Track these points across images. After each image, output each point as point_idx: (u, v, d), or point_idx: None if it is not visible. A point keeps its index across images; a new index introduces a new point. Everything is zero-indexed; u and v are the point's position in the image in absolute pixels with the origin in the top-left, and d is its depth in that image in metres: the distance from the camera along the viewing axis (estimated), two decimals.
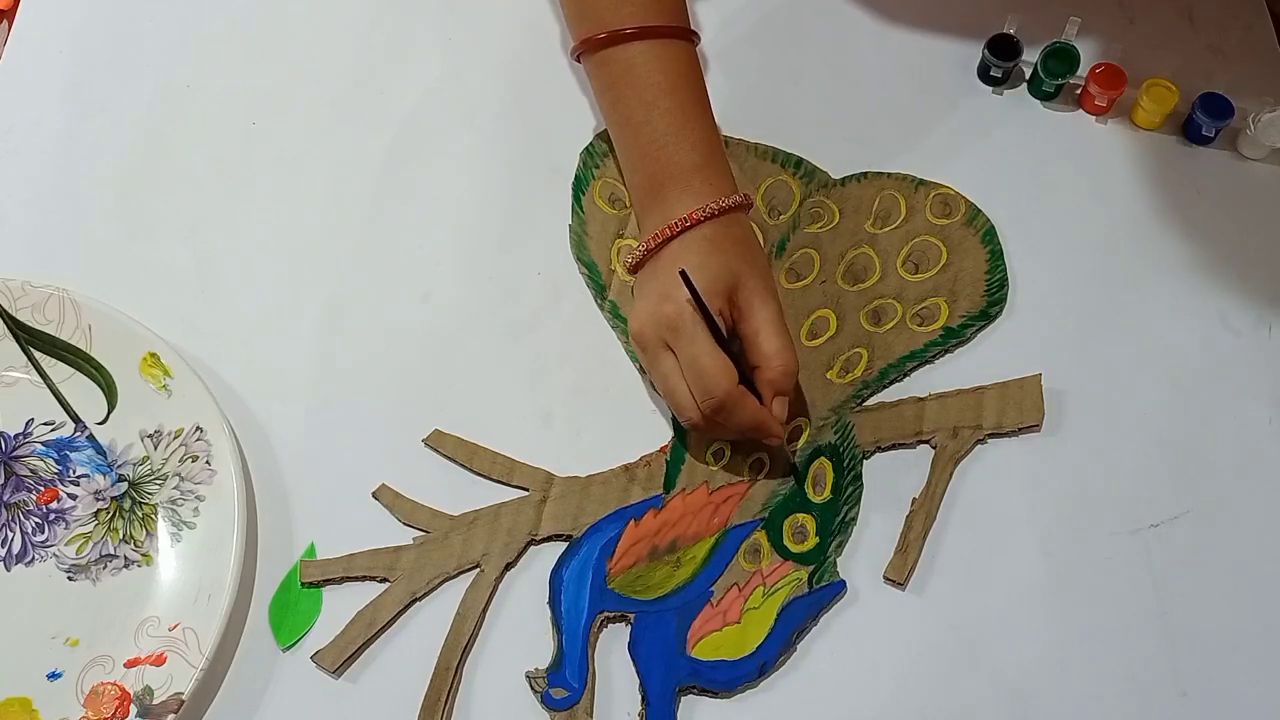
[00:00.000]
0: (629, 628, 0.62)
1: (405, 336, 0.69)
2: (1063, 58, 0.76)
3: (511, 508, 0.65)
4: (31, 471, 0.64)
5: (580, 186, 0.73)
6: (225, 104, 0.76)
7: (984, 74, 0.78)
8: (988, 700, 0.61)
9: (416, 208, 0.73)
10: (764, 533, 0.64)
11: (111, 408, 0.66)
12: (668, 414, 0.68)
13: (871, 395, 0.68)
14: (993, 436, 0.67)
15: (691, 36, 0.68)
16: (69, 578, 0.62)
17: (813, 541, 0.64)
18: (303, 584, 0.63)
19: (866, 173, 0.74)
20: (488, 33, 0.79)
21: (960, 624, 0.63)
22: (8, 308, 0.66)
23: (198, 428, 0.64)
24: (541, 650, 0.62)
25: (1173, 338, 0.71)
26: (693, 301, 0.61)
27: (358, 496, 0.65)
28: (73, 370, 0.66)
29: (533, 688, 0.60)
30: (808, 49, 0.79)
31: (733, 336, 0.64)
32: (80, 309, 0.66)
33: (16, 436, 0.65)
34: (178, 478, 0.64)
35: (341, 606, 0.62)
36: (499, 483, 0.66)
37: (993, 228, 0.73)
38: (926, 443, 0.67)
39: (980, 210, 0.73)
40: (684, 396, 0.63)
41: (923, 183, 0.74)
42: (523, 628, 0.62)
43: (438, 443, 0.66)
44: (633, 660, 0.61)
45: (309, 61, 0.78)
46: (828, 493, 0.66)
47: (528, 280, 0.71)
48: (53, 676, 0.60)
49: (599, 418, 0.68)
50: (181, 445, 0.64)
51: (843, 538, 0.64)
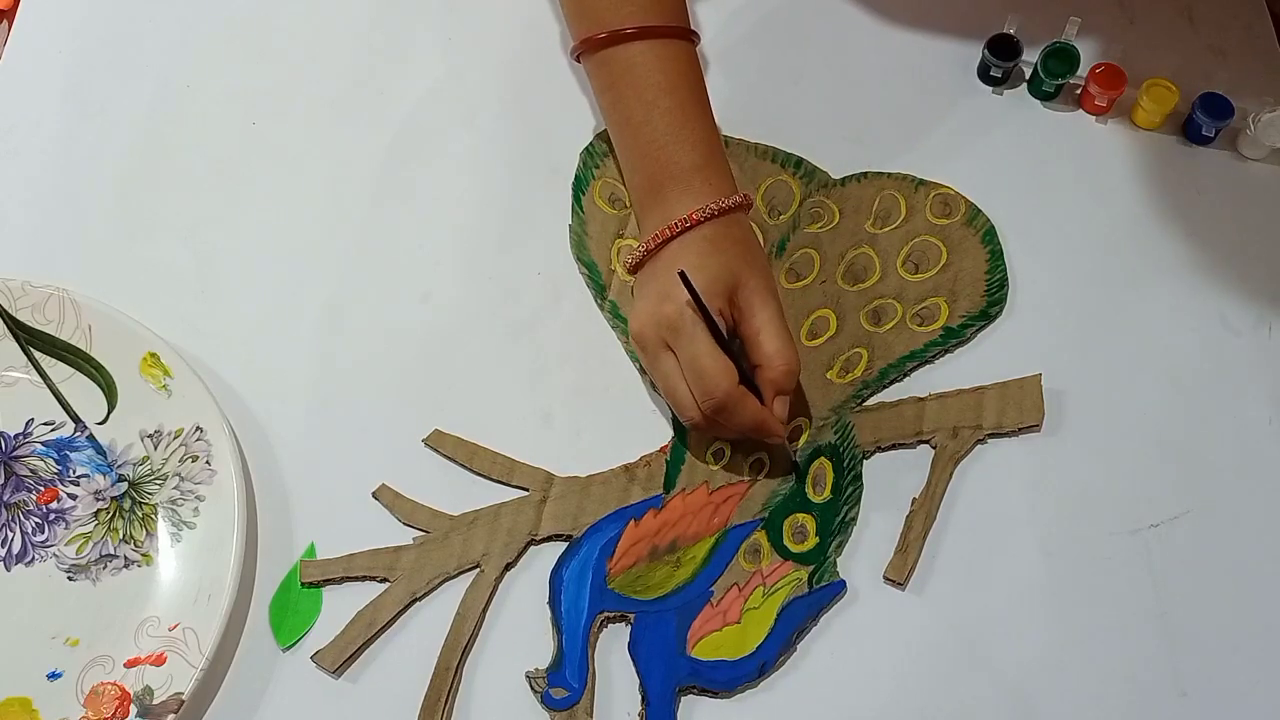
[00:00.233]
0: (629, 628, 0.62)
1: (405, 336, 0.69)
2: (1063, 58, 0.76)
3: (511, 508, 0.65)
4: (31, 471, 0.64)
5: (580, 186, 0.73)
6: (225, 104, 0.76)
7: (984, 74, 0.78)
8: (988, 700, 0.61)
9: (416, 208, 0.73)
10: (764, 533, 0.64)
11: (111, 408, 0.66)
12: (668, 414, 0.68)
13: (871, 395, 0.68)
14: (993, 436, 0.67)
15: (692, 36, 0.68)
16: (69, 578, 0.62)
17: (813, 541, 0.64)
18: (303, 584, 0.63)
19: (866, 173, 0.74)
20: (488, 33, 0.79)
21: (960, 624, 0.63)
22: (8, 308, 0.66)
23: (198, 428, 0.64)
24: (541, 650, 0.62)
25: (1173, 338, 0.71)
26: (692, 302, 0.61)
27: (358, 496, 0.65)
28: (73, 370, 0.66)
29: (533, 688, 0.60)
30: (808, 49, 0.79)
31: (733, 336, 0.64)
32: (80, 309, 0.66)
33: (16, 436, 0.65)
34: (178, 478, 0.64)
35: (341, 606, 0.62)
36: (499, 483, 0.66)
37: (993, 228, 0.73)
38: (926, 443, 0.67)
39: (980, 210, 0.73)
40: (685, 396, 0.63)
41: (923, 183, 0.74)
42: (523, 628, 0.62)
43: (438, 443, 0.66)
44: (633, 660, 0.61)
45: (309, 61, 0.78)
46: (828, 493, 0.66)
47: (528, 280, 0.71)
48: (53, 676, 0.60)
49: (599, 418, 0.68)
50: (181, 445, 0.64)
51: (843, 538, 0.64)
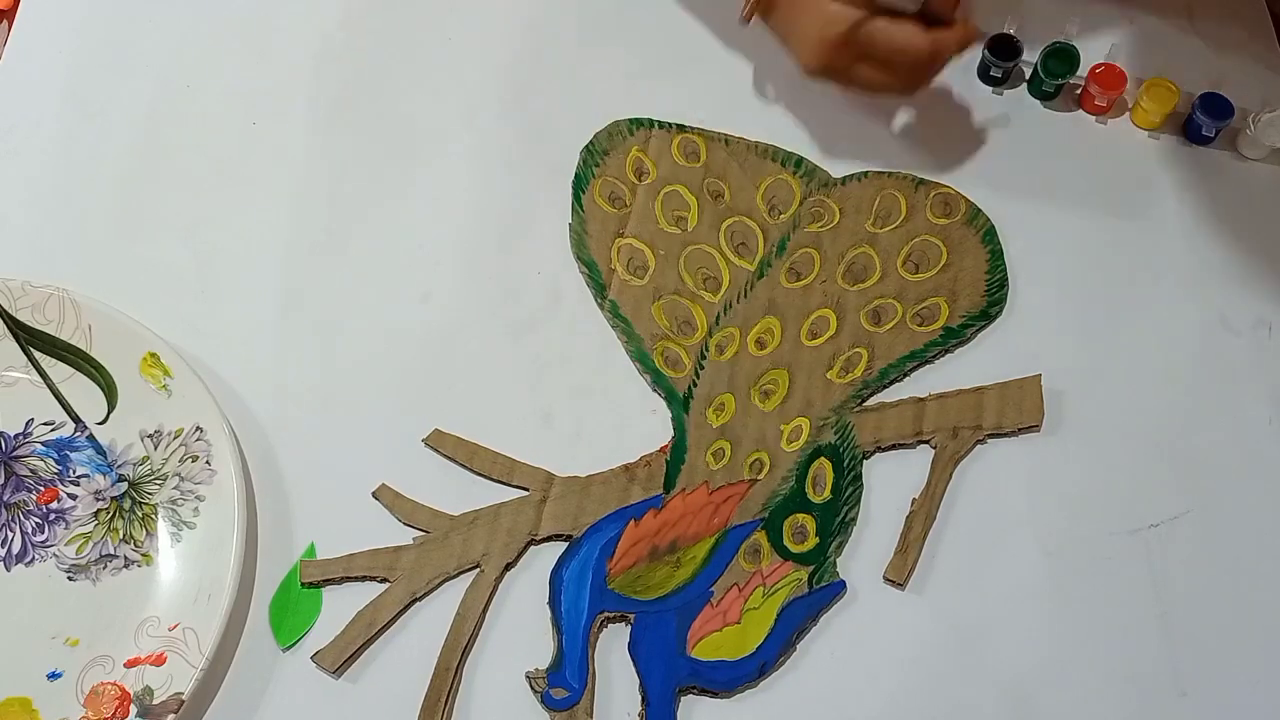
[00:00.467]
0: (629, 628, 0.62)
1: (405, 336, 0.69)
2: (1063, 58, 0.76)
3: (511, 508, 0.65)
4: (31, 471, 0.64)
5: (580, 185, 0.73)
6: (225, 104, 0.76)
7: (984, 74, 0.78)
8: (988, 700, 0.61)
9: (416, 208, 0.73)
10: (764, 533, 0.64)
11: (111, 408, 0.66)
12: (668, 414, 0.68)
13: (871, 395, 0.68)
14: (993, 437, 0.67)
15: None
16: (69, 578, 0.62)
17: (813, 542, 0.64)
18: (303, 584, 0.63)
19: (867, 172, 0.75)
20: (488, 33, 0.79)
21: (960, 624, 0.63)
22: (8, 308, 0.66)
23: (198, 428, 0.64)
24: (541, 650, 0.62)
25: (1173, 338, 0.71)
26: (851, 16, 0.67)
27: (358, 496, 0.65)
28: (73, 370, 0.66)
29: (533, 688, 0.60)
30: None
31: None
32: (80, 309, 0.66)
33: (16, 436, 0.65)
34: (178, 478, 0.64)
35: (341, 606, 0.62)
36: (499, 483, 0.65)
37: (993, 227, 0.73)
38: (926, 443, 0.67)
39: (980, 210, 0.73)
40: (893, 84, 0.70)
41: (923, 182, 0.74)
42: (523, 628, 0.62)
43: (438, 443, 0.66)
44: (633, 660, 0.61)
45: (309, 61, 0.78)
46: (828, 493, 0.66)
47: (528, 280, 0.71)
48: (53, 676, 0.60)
49: (599, 418, 0.68)
50: (181, 445, 0.64)
51: (843, 538, 0.64)
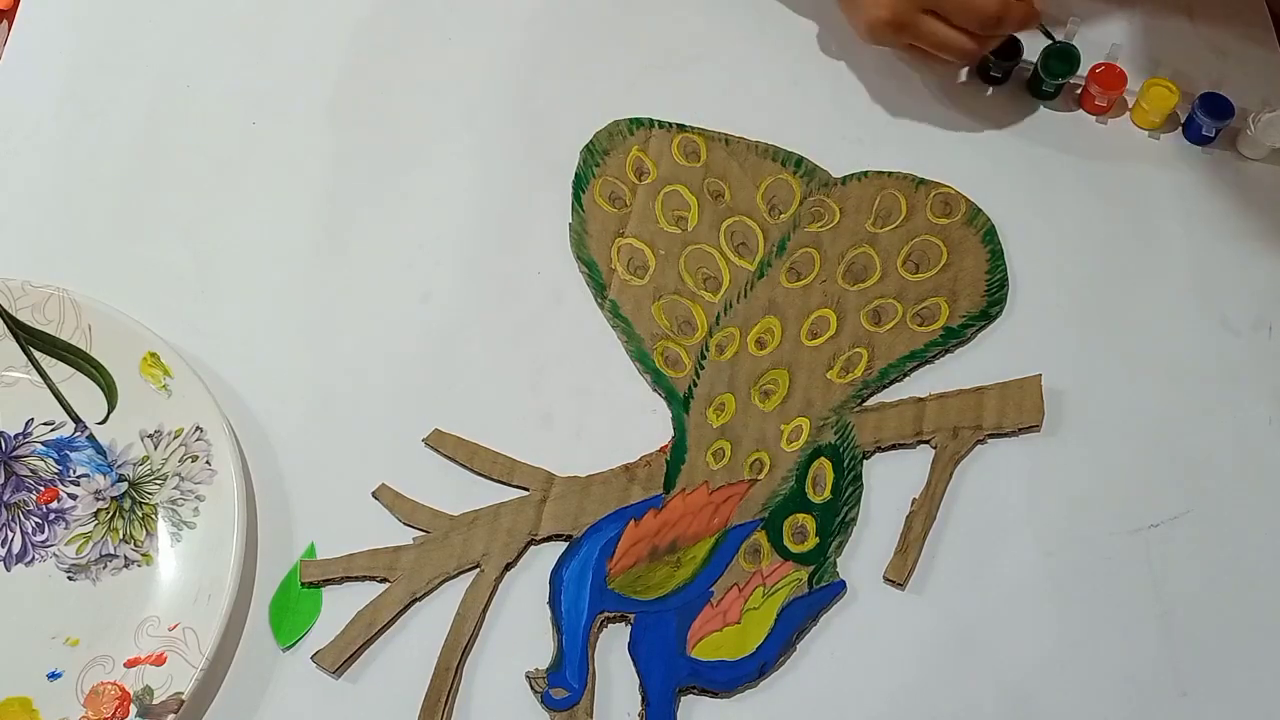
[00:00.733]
0: (629, 628, 0.62)
1: (405, 336, 0.69)
2: (1063, 58, 0.76)
3: (511, 508, 0.65)
4: (31, 471, 0.64)
5: (580, 185, 0.73)
6: (225, 104, 0.76)
7: (984, 74, 0.78)
8: (988, 700, 0.61)
9: (416, 208, 0.73)
10: (764, 533, 0.64)
11: (111, 408, 0.66)
12: (668, 414, 0.68)
13: (871, 395, 0.68)
14: (993, 436, 0.67)
15: None
16: (69, 578, 0.62)
17: (813, 542, 0.64)
18: (303, 584, 0.63)
19: (867, 172, 0.74)
20: (488, 33, 0.79)
21: (960, 624, 0.63)
22: (8, 308, 0.66)
23: (198, 428, 0.64)
24: (541, 650, 0.62)
25: (1173, 338, 0.71)
26: None
27: (358, 496, 0.65)
28: (73, 370, 0.66)
29: (533, 688, 0.60)
30: (808, 49, 0.79)
31: None
32: (80, 309, 0.66)
33: (16, 436, 0.65)
34: (178, 478, 0.64)
35: (341, 606, 0.62)
36: (499, 483, 0.65)
37: (993, 227, 0.73)
38: (926, 443, 0.67)
39: (980, 210, 0.73)
40: (957, 39, 0.71)
41: (923, 182, 0.74)
42: (523, 628, 0.62)
43: (438, 443, 0.66)
44: (633, 660, 0.61)
45: (309, 61, 0.78)
46: (828, 493, 0.66)
47: (528, 280, 0.71)
48: (53, 676, 0.60)
49: (599, 418, 0.68)
50: (181, 445, 0.64)
51: (843, 538, 0.64)
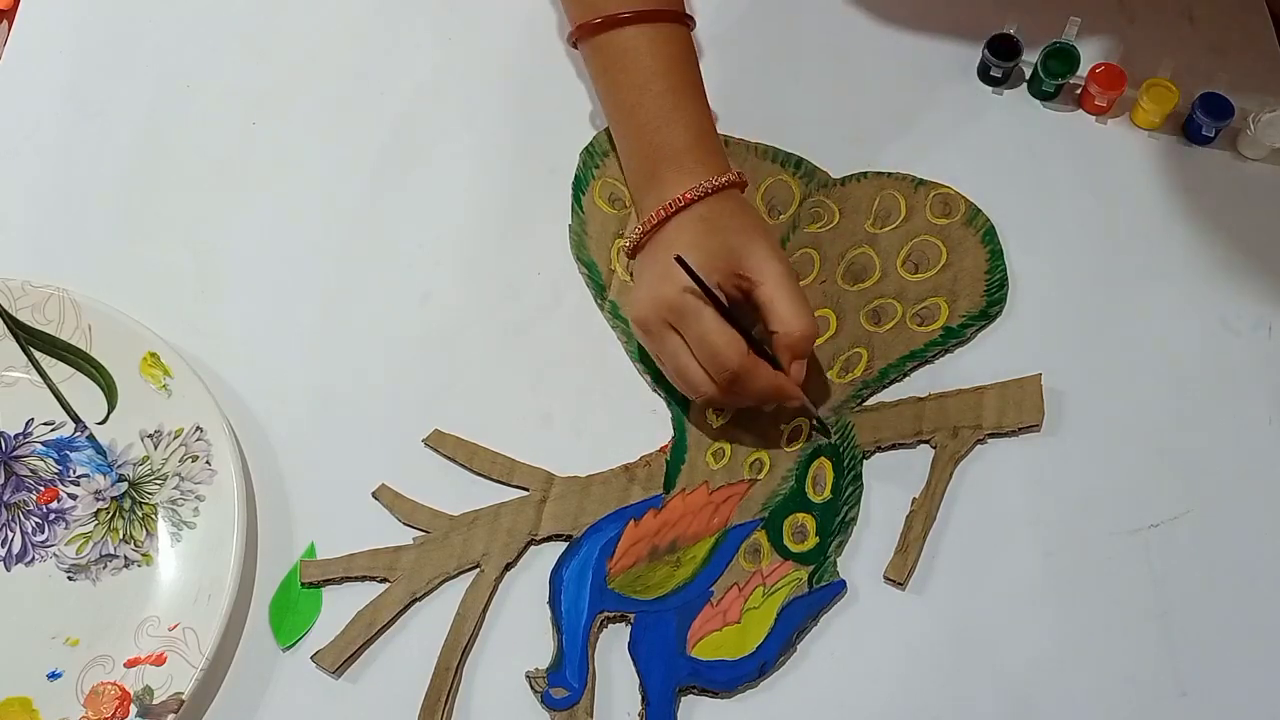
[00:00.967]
0: (629, 628, 0.62)
1: (405, 336, 0.69)
2: (1063, 58, 0.76)
3: (511, 508, 0.65)
4: (31, 471, 0.64)
5: (580, 186, 0.73)
6: (225, 104, 0.76)
7: (984, 74, 0.78)
8: (988, 700, 0.61)
9: (416, 208, 0.73)
10: (764, 533, 0.64)
11: (111, 408, 0.66)
12: (667, 414, 0.68)
13: (871, 395, 0.68)
14: (993, 436, 0.67)
15: (686, 20, 0.69)
16: (69, 578, 0.62)
17: (813, 541, 0.64)
18: (303, 584, 0.63)
19: (866, 172, 0.74)
20: (488, 32, 0.79)
21: (960, 624, 0.63)
22: (8, 308, 0.66)
23: (198, 428, 0.64)
24: (541, 650, 0.62)
25: (1173, 338, 0.71)
26: (693, 284, 0.62)
27: (358, 496, 0.65)
28: (73, 370, 0.66)
29: (533, 688, 0.60)
30: (808, 49, 0.79)
31: (746, 307, 0.64)
32: (80, 309, 0.66)
33: (16, 436, 0.65)
34: (178, 478, 0.64)
35: (341, 606, 0.62)
36: (499, 483, 0.65)
37: (992, 227, 0.73)
38: (926, 443, 0.67)
39: (980, 210, 0.73)
40: (696, 373, 0.63)
41: (922, 182, 0.74)
42: (523, 628, 0.62)
43: (438, 443, 0.66)
44: (633, 660, 0.61)
45: (309, 61, 0.78)
46: (828, 493, 0.66)
47: (528, 280, 0.71)
48: (53, 676, 0.60)
49: (599, 418, 0.68)
50: (181, 445, 0.64)
51: (843, 538, 0.64)
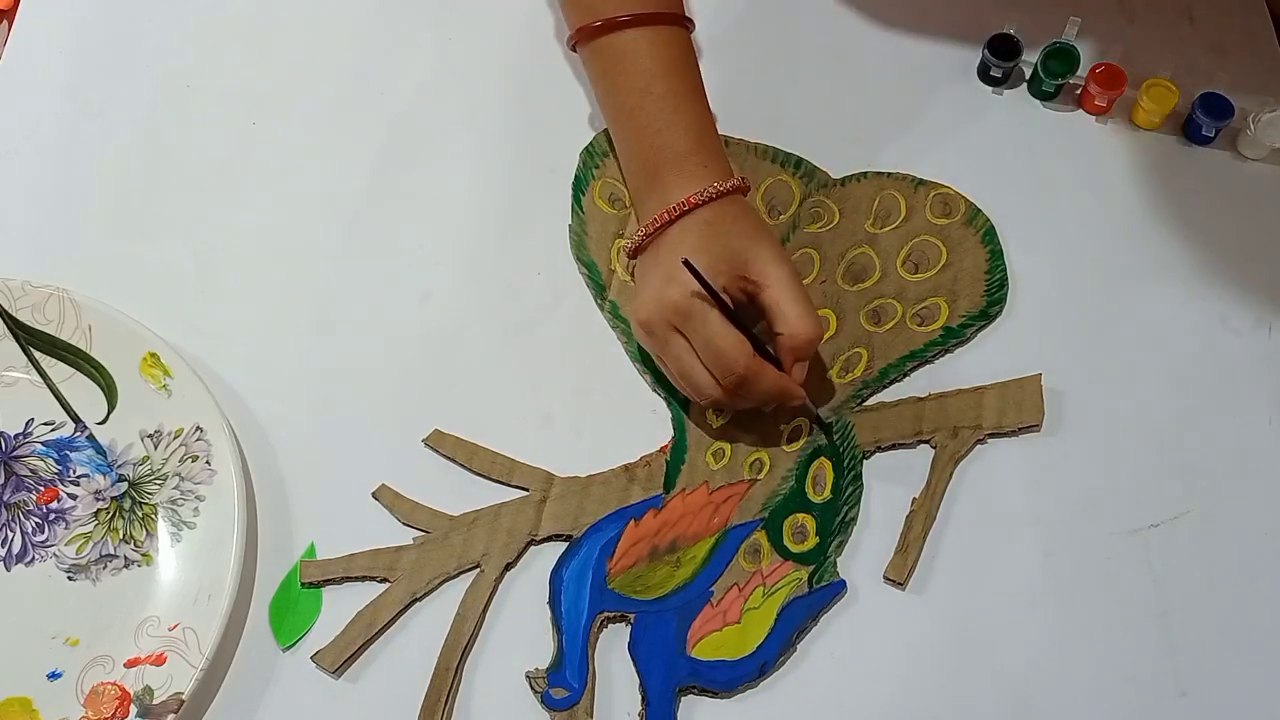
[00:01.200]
0: (629, 628, 0.62)
1: (405, 336, 0.69)
2: (1063, 58, 0.76)
3: (511, 508, 0.65)
4: (31, 471, 0.64)
5: (580, 186, 0.73)
6: (225, 104, 0.76)
7: (984, 74, 0.78)
8: (988, 700, 0.61)
9: (416, 208, 0.73)
10: (764, 533, 0.64)
11: (111, 408, 0.66)
12: (667, 414, 0.68)
13: (871, 395, 0.68)
14: (993, 436, 0.67)
15: (685, 23, 0.69)
16: (69, 578, 0.62)
17: (813, 541, 0.64)
18: (303, 584, 0.63)
19: (866, 173, 0.74)
20: (488, 33, 0.79)
21: (960, 624, 0.63)
22: (8, 308, 0.66)
23: (198, 428, 0.64)
24: (541, 650, 0.62)
25: (1173, 338, 0.71)
26: (699, 288, 0.62)
27: (358, 496, 0.65)
28: (73, 370, 0.66)
29: (533, 688, 0.60)
30: (807, 49, 0.79)
31: (750, 308, 0.64)
32: (80, 309, 0.66)
33: (16, 436, 0.65)
34: (178, 478, 0.64)
35: (341, 606, 0.62)
36: (499, 483, 0.66)
37: (992, 227, 0.73)
38: (926, 443, 0.67)
39: (980, 210, 0.73)
40: (701, 376, 0.63)
41: (922, 182, 0.74)
42: (523, 628, 0.62)
43: (438, 443, 0.66)
44: (633, 660, 0.61)
45: (309, 61, 0.78)
46: (828, 493, 0.66)
47: (528, 280, 0.71)
48: (53, 676, 0.60)
49: (599, 418, 0.68)
50: (181, 445, 0.64)
51: (843, 538, 0.64)
